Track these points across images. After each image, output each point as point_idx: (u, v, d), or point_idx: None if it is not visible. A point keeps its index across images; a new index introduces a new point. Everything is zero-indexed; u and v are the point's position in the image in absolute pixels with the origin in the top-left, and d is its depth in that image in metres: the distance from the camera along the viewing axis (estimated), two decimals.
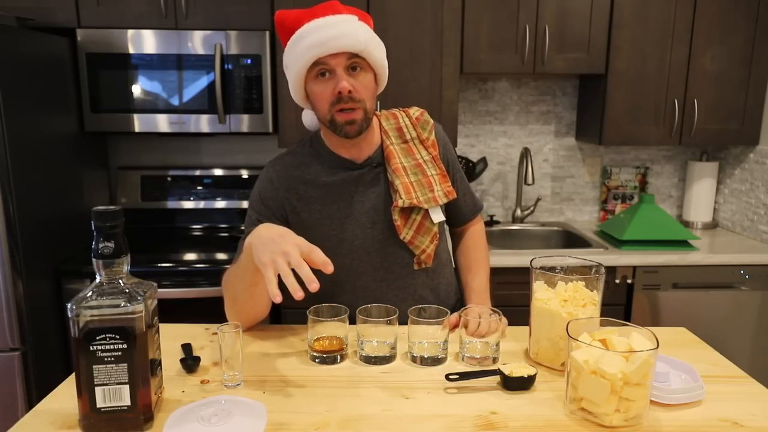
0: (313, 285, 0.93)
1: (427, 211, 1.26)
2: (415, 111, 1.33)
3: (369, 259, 1.28)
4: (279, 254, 0.96)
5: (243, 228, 1.29)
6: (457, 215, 1.41)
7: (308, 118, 1.30)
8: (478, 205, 1.45)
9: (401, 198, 1.22)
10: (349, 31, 1.12)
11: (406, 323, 1.12)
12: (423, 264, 1.30)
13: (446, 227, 1.43)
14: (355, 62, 1.15)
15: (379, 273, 1.28)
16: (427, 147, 1.30)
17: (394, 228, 1.25)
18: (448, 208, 1.35)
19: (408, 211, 1.25)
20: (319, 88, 1.16)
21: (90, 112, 2.22)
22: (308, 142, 1.32)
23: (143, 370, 0.87)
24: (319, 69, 1.14)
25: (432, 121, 1.34)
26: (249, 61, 2.20)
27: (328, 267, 0.97)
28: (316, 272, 0.96)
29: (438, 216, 1.27)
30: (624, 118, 2.36)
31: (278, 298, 0.93)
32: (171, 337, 1.19)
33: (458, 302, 1.43)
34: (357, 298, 1.27)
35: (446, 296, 1.38)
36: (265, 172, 1.28)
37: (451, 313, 1.19)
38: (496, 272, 2.12)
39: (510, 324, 1.27)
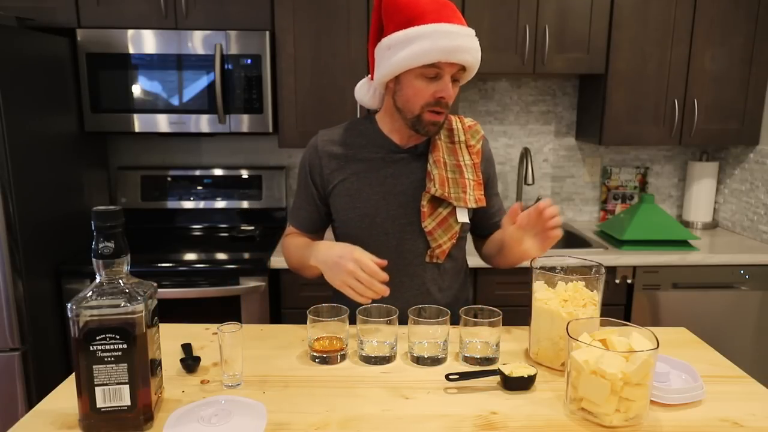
0: (386, 293, 1.14)
1: (454, 208, 1.29)
2: (469, 120, 1.38)
3: (386, 240, 1.30)
4: (347, 275, 1.14)
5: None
6: (488, 226, 1.42)
7: (363, 92, 1.33)
8: None
9: (434, 187, 1.26)
10: (473, 47, 1.18)
11: (405, 323, 1.12)
12: (436, 258, 1.31)
13: (469, 237, 1.42)
14: (459, 74, 1.20)
15: (391, 256, 1.30)
16: (472, 153, 1.34)
17: (418, 216, 1.28)
18: (479, 219, 1.38)
19: (437, 203, 1.28)
20: (421, 85, 1.19)
21: (90, 112, 2.22)
22: (361, 120, 1.37)
23: (143, 370, 0.87)
24: (433, 70, 1.17)
25: (483, 133, 1.38)
26: (249, 61, 2.20)
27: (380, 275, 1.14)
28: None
29: (463, 217, 1.30)
30: (624, 118, 2.36)
31: (386, 292, 1.14)
32: (171, 337, 1.19)
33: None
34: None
35: (450, 300, 1.37)
36: (313, 139, 1.36)
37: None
38: (496, 272, 2.12)
39: (510, 324, 1.26)
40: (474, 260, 1.52)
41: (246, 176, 2.55)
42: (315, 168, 1.34)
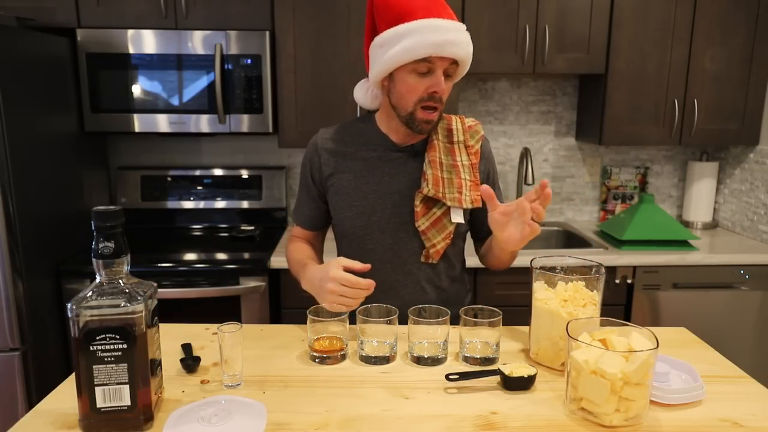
0: (372, 286, 1.11)
1: (448, 208, 1.29)
2: (470, 120, 1.37)
3: (381, 238, 1.31)
4: (332, 295, 1.12)
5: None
6: (487, 228, 1.35)
7: (361, 93, 1.35)
8: None
9: (428, 187, 1.26)
10: (463, 41, 1.18)
11: (405, 322, 1.12)
12: (430, 258, 1.31)
13: (468, 239, 1.41)
14: (452, 69, 1.21)
15: (387, 254, 1.31)
16: (470, 154, 1.33)
17: (412, 216, 1.29)
18: (478, 221, 1.37)
19: (431, 203, 1.28)
20: (413, 81, 1.20)
21: (90, 112, 2.22)
22: (361, 119, 1.38)
23: (143, 370, 0.87)
24: (424, 65, 1.18)
25: (483, 133, 1.37)
26: (249, 61, 2.20)
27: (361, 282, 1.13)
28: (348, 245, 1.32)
29: (458, 217, 1.29)
30: (624, 118, 2.36)
31: (371, 286, 1.11)
32: (171, 337, 1.19)
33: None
34: (362, 273, 1.28)
35: (448, 300, 1.37)
36: (314, 137, 1.38)
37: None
38: (496, 272, 2.11)
39: (510, 324, 1.26)
40: (473, 260, 1.52)
41: (246, 176, 2.55)
42: (314, 165, 1.36)
